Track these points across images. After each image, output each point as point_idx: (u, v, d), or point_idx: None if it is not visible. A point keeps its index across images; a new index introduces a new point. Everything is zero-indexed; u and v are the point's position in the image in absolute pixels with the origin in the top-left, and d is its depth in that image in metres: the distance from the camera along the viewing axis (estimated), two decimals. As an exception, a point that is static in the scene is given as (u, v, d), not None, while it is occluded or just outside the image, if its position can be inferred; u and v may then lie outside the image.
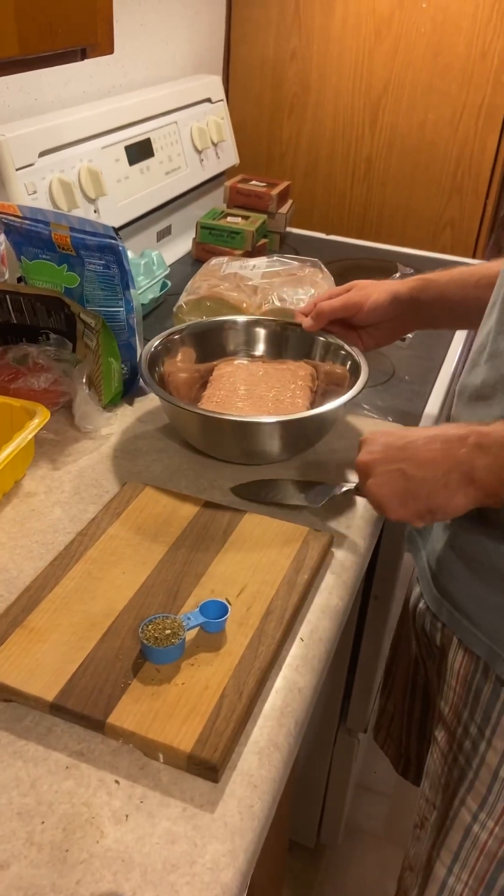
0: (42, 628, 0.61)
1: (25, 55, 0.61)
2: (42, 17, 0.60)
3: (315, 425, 0.84)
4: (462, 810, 0.74)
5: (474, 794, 0.73)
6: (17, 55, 0.60)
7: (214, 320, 0.97)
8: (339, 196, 1.74)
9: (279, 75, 1.67)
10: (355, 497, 0.80)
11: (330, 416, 0.84)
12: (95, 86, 1.28)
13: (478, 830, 0.73)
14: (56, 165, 1.08)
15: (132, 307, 0.89)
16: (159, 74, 1.45)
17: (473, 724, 0.72)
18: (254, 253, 1.34)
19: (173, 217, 1.44)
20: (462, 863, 0.75)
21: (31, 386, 0.85)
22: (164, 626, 0.60)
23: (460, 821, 0.74)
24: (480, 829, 0.73)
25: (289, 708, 0.59)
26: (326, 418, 0.84)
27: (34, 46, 0.60)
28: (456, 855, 0.75)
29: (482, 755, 0.71)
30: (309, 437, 0.86)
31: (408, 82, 1.58)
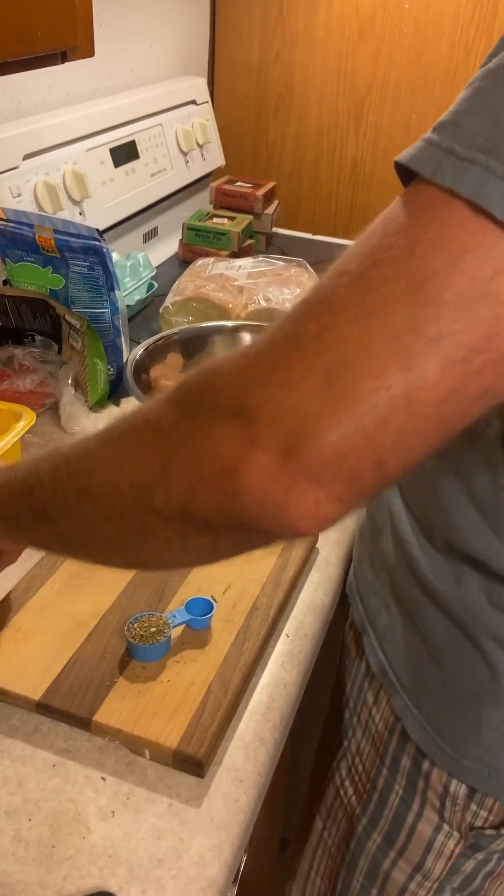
0: (28, 629, 0.61)
1: (4, 59, 0.61)
2: (21, 21, 0.61)
3: None
4: (336, 774, 0.77)
5: (345, 763, 0.74)
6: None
7: (203, 326, 0.97)
8: (324, 196, 1.75)
9: (264, 77, 1.68)
10: None
11: None
12: (80, 88, 1.28)
13: (342, 795, 0.76)
14: (41, 168, 1.08)
15: (117, 308, 0.90)
16: (144, 77, 1.46)
17: (351, 698, 0.73)
18: (240, 254, 1.35)
19: (160, 218, 1.44)
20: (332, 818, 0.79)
21: (17, 388, 0.86)
22: (149, 624, 0.60)
23: (333, 783, 0.77)
24: (344, 794, 0.75)
25: (275, 703, 0.59)
26: None
27: (13, 50, 0.61)
28: (329, 811, 0.78)
29: (354, 728, 0.72)
30: None
31: (392, 83, 1.59)
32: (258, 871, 0.85)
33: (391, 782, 0.67)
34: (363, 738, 0.70)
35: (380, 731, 0.67)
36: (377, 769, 0.68)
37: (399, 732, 0.64)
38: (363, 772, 0.71)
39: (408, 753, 0.64)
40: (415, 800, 0.65)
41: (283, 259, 1.16)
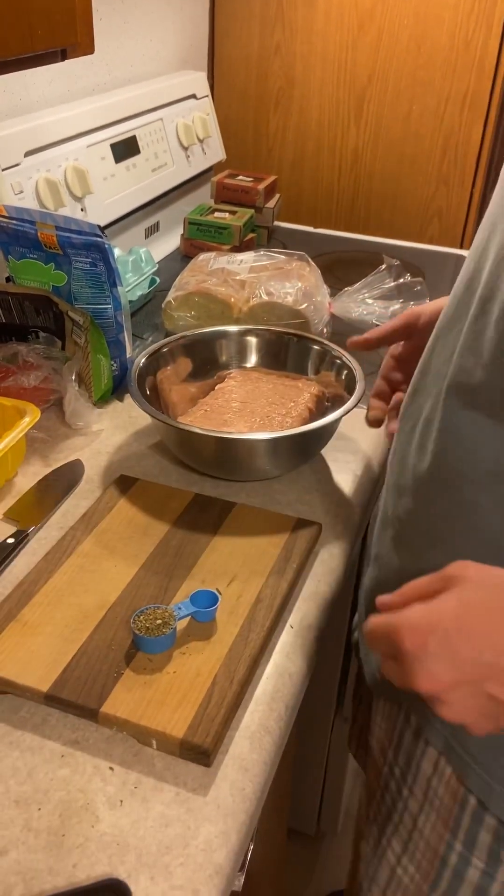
0: (36, 621, 0.62)
1: (5, 58, 0.62)
2: (21, 19, 0.61)
3: (288, 445, 0.79)
4: (388, 851, 0.70)
5: (398, 837, 0.68)
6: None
7: (209, 331, 0.95)
8: (326, 189, 1.75)
9: (264, 69, 1.67)
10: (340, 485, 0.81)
11: (306, 437, 0.79)
12: (80, 84, 1.28)
13: (401, 874, 0.69)
14: (42, 165, 1.09)
15: (120, 304, 0.90)
16: (144, 72, 1.46)
17: (397, 766, 0.66)
18: (242, 248, 1.35)
19: (161, 214, 1.44)
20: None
21: (22, 384, 0.86)
22: (155, 617, 0.61)
23: (387, 860, 0.70)
24: (403, 872, 0.68)
25: (279, 693, 0.60)
26: (293, 441, 0.79)
27: (13, 49, 0.61)
28: (383, 892, 0.72)
29: (405, 800, 0.66)
30: (288, 456, 0.81)
31: (392, 74, 1.59)
32: (265, 860, 0.86)
33: (467, 857, 0.61)
34: (421, 811, 0.64)
35: (446, 804, 0.61)
36: (447, 845, 0.62)
37: (473, 806, 0.59)
38: (427, 848, 0.64)
39: (487, 828, 0.59)
40: (499, 871, 0.60)
41: (285, 252, 1.16)
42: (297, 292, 1.08)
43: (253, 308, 1.07)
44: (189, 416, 0.86)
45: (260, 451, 0.79)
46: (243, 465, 0.81)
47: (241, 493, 0.80)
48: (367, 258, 1.40)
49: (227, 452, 0.80)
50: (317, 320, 1.08)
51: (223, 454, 0.80)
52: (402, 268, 1.17)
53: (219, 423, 0.85)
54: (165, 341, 0.90)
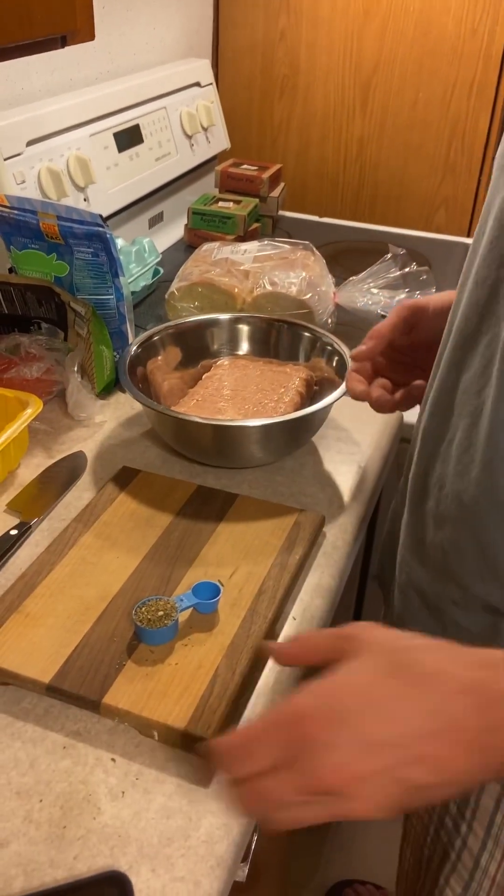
0: (38, 613, 0.62)
1: (4, 44, 0.61)
2: (20, 5, 0.61)
3: (283, 431, 0.79)
4: (447, 890, 0.67)
5: (457, 877, 0.66)
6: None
7: (199, 319, 0.95)
8: (331, 178, 1.74)
9: (269, 57, 1.66)
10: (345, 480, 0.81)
11: (301, 423, 0.79)
12: (82, 73, 1.27)
13: None
14: (44, 154, 1.08)
15: (122, 294, 0.90)
16: (147, 59, 1.45)
17: (453, 801, 0.63)
18: (246, 237, 1.34)
19: (165, 203, 1.44)
20: None
21: (24, 376, 0.86)
22: (157, 608, 0.60)
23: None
24: None
25: (281, 685, 0.60)
26: (290, 426, 0.79)
27: (12, 35, 0.60)
28: None
29: (464, 837, 0.63)
30: (282, 443, 0.82)
31: (398, 61, 1.57)
32: (270, 850, 0.86)
33: None
34: (483, 850, 0.61)
35: None
36: None
37: None
38: (495, 888, 0.62)
39: None
40: None
41: (290, 242, 1.16)
42: (302, 282, 1.07)
43: (257, 298, 1.07)
44: (182, 406, 0.85)
45: (257, 438, 0.79)
46: (240, 452, 0.81)
47: (244, 485, 0.80)
48: (372, 247, 1.39)
49: (225, 440, 0.79)
50: (321, 310, 1.07)
51: (221, 442, 0.80)
52: (409, 257, 1.16)
53: (212, 411, 0.84)
54: (154, 330, 0.90)
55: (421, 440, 0.60)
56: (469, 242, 1.43)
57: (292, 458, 0.84)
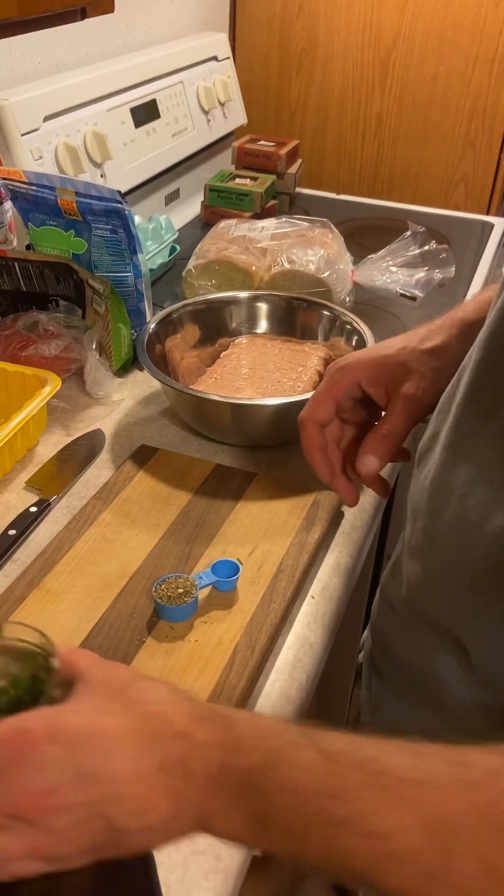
0: (58, 589, 0.63)
1: (24, 16, 0.60)
2: (40, -24, 0.60)
3: (301, 410, 0.74)
4: None
5: None
6: (16, 16, 0.60)
7: (218, 297, 0.94)
8: (349, 154, 1.72)
9: (287, 31, 1.63)
10: None
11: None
12: (99, 47, 1.26)
13: None
14: (61, 130, 1.07)
15: (140, 272, 0.89)
16: (164, 33, 1.43)
17: None
18: (263, 214, 1.33)
19: (181, 180, 1.42)
20: None
21: (42, 353, 0.86)
22: (176, 586, 0.61)
23: None
24: None
25: (300, 663, 0.60)
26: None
27: (33, 7, 0.60)
28: None
29: None
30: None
31: (418, 34, 1.54)
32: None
33: None
34: None
35: None
36: None
37: None
38: None
39: None
40: None
41: (307, 220, 1.14)
42: (320, 260, 1.06)
43: (274, 276, 1.06)
44: (200, 384, 0.85)
45: (275, 417, 0.79)
46: (258, 430, 0.80)
47: (262, 464, 0.80)
48: (391, 225, 1.37)
49: (243, 419, 0.79)
50: (339, 289, 1.06)
51: (239, 421, 0.80)
52: (428, 235, 1.14)
53: (230, 389, 0.84)
54: (173, 308, 0.89)
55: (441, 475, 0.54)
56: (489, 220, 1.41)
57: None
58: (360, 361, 0.63)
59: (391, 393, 0.62)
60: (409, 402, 0.61)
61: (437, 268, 1.11)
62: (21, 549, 0.69)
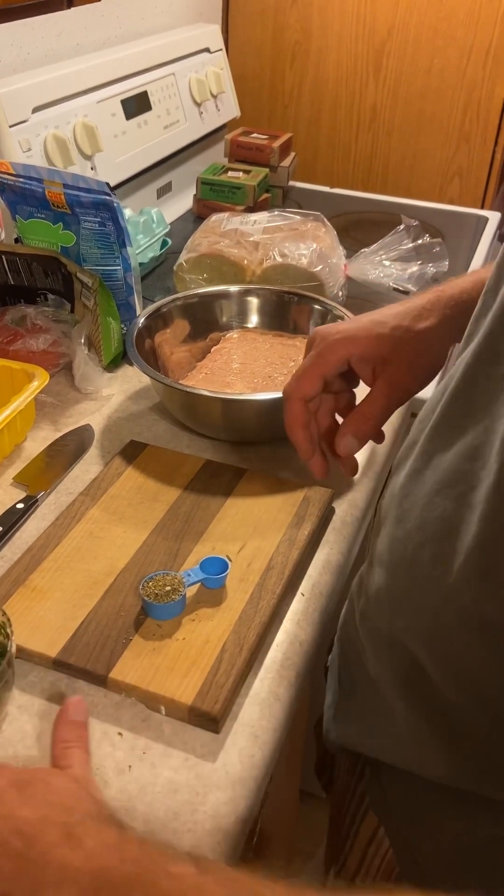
0: (44, 587, 0.62)
1: (9, 4, 0.59)
2: (23, -37, 0.59)
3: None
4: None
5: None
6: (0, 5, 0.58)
7: (208, 291, 0.93)
8: (343, 147, 1.71)
9: (280, 22, 1.62)
10: None
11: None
12: (90, 38, 1.24)
13: None
14: (50, 121, 1.06)
15: (130, 265, 0.88)
16: (155, 24, 1.41)
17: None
18: (255, 208, 1.32)
19: (173, 173, 1.41)
20: None
21: (30, 347, 0.85)
22: (164, 583, 0.60)
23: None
24: None
25: (289, 661, 0.59)
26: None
27: (16, -6, 0.59)
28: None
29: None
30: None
31: (412, 26, 1.53)
32: (277, 823, 0.86)
33: None
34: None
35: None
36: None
37: None
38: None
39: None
40: None
41: (300, 213, 1.13)
42: (312, 254, 1.05)
43: (266, 270, 1.05)
44: (190, 380, 0.84)
45: (266, 412, 0.78)
46: (249, 426, 0.80)
47: (253, 460, 0.79)
48: (384, 219, 1.37)
49: (234, 414, 0.78)
50: (332, 283, 1.05)
51: (229, 416, 0.79)
52: (421, 228, 1.13)
53: (221, 384, 0.83)
54: (163, 302, 0.88)
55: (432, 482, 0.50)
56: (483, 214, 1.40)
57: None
58: (352, 339, 0.61)
59: (378, 373, 0.61)
60: (394, 387, 0.60)
61: (430, 262, 1.11)
62: (7, 546, 0.68)
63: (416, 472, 0.50)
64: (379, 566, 0.54)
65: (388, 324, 0.61)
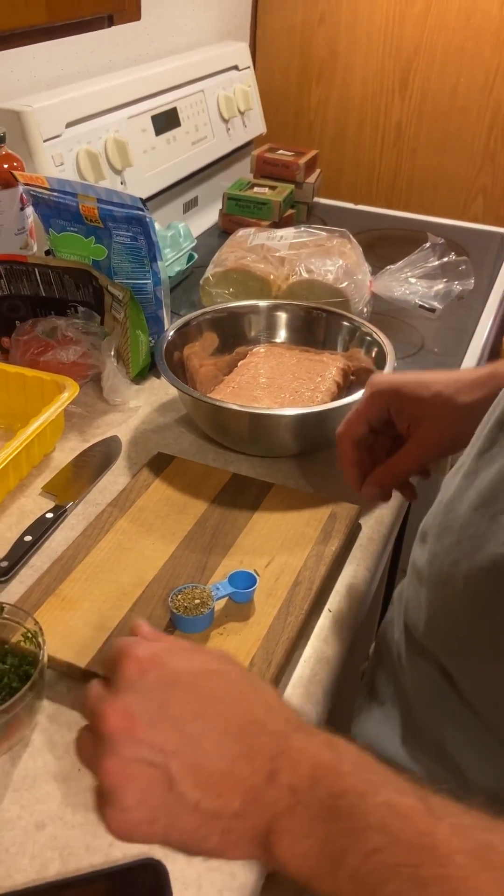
0: (74, 597, 0.62)
1: (53, 23, 0.60)
2: (68, -16, 0.60)
3: (318, 422, 0.77)
4: None
5: None
6: (44, 23, 0.60)
7: (237, 305, 0.94)
8: (367, 164, 1.72)
9: (307, 40, 1.64)
10: None
11: (339, 413, 0.76)
12: (122, 55, 1.26)
13: None
14: (83, 136, 1.07)
15: (159, 279, 0.89)
16: (186, 42, 1.43)
17: None
18: (281, 224, 1.33)
19: (200, 188, 1.43)
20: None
21: (60, 359, 0.86)
22: (193, 596, 0.60)
23: None
24: None
25: (317, 677, 0.59)
26: (328, 416, 0.76)
27: (62, 13, 0.60)
28: None
29: None
30: (319, 432, 0.79)
31: (439, 45, 1.54)
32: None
33: None
34: None
35: None
36: None
37: None
38: None
39: None
40: None
41: (326, 229, 1.14)
42: (338, 270, 1.06)
43: (292, 286, 1.06)
44: (218, 393, 0.85)
45: (293, 427, 0.78)
46: (275, 440, 0.80)
47: (279, 474, 0.79)
48: (409, 236, 1.37)
49: (260, 428, 0.79)
50: (357, 299, 1.06)
51: (256, 430, 0.79)
52: (447, 246, 1.14)
53: (248, 399, 0.84)
54: (192, 315, 0.89)
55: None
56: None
57: (328, 449, 0.83)
58: (396, 393, 0.64)
59: (412, 430, 0.63)
60: (423, 449, 0.63)
61: (456, 279, 1.11)
62: (37, 555, 0.69)
63: (461, 490, 0.51)
64: (418, 580, 0.55)
65: (432, 388, 0.62)
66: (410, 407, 0.63)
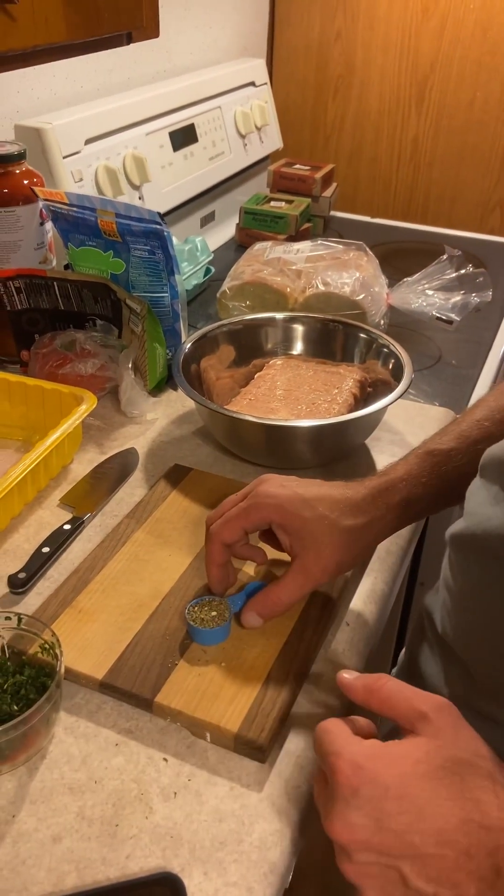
0: (91, 609, 0.62)
1: (72, 40, 0.61)
2: (89, 2, 0.61)
3: (335, 434, 0.78)
4: None
5: None
6: (64, 41, 0.61)
7: (254, 317, 0.95)
8: (384, 178, 1.72)
9: (324, 56, 1.65)
10: None
11: (355, 425, 0.78)
12: (139, 72, 1.28)
13: None
14: (102, 153, 1.09)
15: (177, 293, 0.90)
16: (203, 59, 1.45)
17: None
18: (297, 237, 1.33)
19: (217, 203, 1.44)
20: None
21: (79, 371, 0.87)
22: (210, 608, 0.60)
23: None
24: None
25: (335, 691, 0.59)
26: (345, 428, 0.78)
27: (81, 32, 0.61)
28: None
29: None
30: (336, 444, 0.81)
31: (456, 60, 1.55)
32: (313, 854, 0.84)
33: None
34: None
35: None
36: None
37: None
38: None
39: None
40: None
41: (342, 242, 1.14)
42: (355, 283, 1.06)
43: (308, 298, 1.06)
44: (235, 405, 0.85)
45: (310, 439, 0.78)
46: (292, 452, 0.80)
47: (297, 486, 0.79)
48: (426, 248, 1.37)
49: (277, 440, 0.79)
50: (374, 311, 1.06)
51: (273, 442, 0.79)
52: (464, 259, 1.13)
53: (265, 410, 0.84)
54: (209, 328, 0.90)
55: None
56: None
57: (345, 461, 0.83)
58: (279, 508, 0.59)
59: (295, 549, 0.59)
60: (306, 576, 0.58)
61: (473, 291, 1.10)
62: (54, 566, 0.69)
63: (489, 490, 0.51)
64: (444, 588, 0.55)
65: (317, 509, 0.59)
66: (293, 525, 0.59)
